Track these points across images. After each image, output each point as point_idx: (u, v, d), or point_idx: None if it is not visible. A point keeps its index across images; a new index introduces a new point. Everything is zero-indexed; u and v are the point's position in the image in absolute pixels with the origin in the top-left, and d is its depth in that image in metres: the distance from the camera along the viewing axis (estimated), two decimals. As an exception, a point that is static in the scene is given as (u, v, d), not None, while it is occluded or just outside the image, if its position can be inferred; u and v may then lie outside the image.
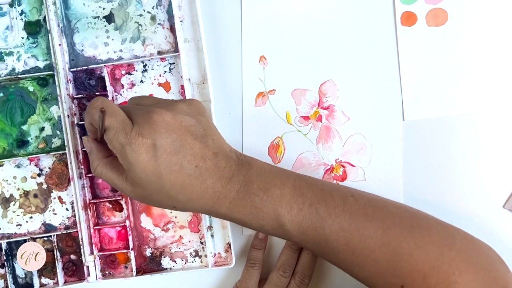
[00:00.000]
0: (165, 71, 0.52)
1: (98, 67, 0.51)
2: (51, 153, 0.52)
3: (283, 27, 0.52)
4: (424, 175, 0.50)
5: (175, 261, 0.53)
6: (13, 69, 0.52)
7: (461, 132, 0.50)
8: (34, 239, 0.52)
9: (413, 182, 0.50)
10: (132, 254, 0.52)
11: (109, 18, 0.52)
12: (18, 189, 0.53)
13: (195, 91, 0.52)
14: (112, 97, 0.51)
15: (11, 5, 0.52)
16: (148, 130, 0.37)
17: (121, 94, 0.52)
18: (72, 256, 0.53)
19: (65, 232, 0.52)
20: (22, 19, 0.52)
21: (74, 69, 0.51)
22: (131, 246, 0.51)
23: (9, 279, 0.53)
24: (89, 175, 0.52)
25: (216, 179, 0.38)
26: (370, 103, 0.51)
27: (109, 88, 0.51)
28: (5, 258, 0.53)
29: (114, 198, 0.52)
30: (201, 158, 0.38)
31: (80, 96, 0.51)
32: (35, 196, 0.53)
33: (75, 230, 0.52)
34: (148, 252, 0.53)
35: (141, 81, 0.52)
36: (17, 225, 0.53)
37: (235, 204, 0.39)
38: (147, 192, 0.38)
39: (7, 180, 0.53)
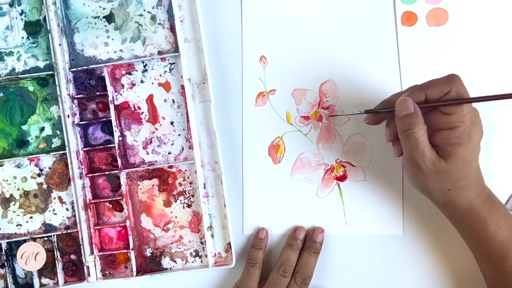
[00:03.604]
0: (165, 71, 0.52)
1: (98, 67, 0.51)
2: (51, 153, 0.52)
3: (283, 27, 0.52)
4: (424, 175, 0.50)
5: (175, 261, 0.53)
6: (13, 69, 0.52)
7: (461, 132, 0.50)
8: (34, 239, 0.52)
9: (413, 182, 0.50)
10: (132, 254, 0.52)
11: (109, 18, 0.52)
12: (18, 189, 0.53)
13: (195, 91, 0.52)
14: (112, 97, 0.51)
15: (11, 5, 0.52)
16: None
17: (121, 94, 0.52)
18: (72, 256, 0.53)
19: (65, 232, 0.52)
20: (22, 19, 0.52)
21: (74, 69, 0.51)
22: (131, 246, 0.51)
23: (9, 279, 0.53)
24: (90, 175, 0.52)
25: None
26: (371, 103, 0.51)
27: (109, 88, 0.51)
28: (5, 258, 0.53)
29: (114, 198, 0.52)
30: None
31: (80, 96, 0.51)
32: (35, 196, 0.53)
33: (75, 230, 0.52)
34: (148, 252, 0.53)
35: (141, 81, 0.52)
36: (17, 225, 0.53)
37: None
38: (451, 170, 0.42)
39: (7, 180, 0.53)
